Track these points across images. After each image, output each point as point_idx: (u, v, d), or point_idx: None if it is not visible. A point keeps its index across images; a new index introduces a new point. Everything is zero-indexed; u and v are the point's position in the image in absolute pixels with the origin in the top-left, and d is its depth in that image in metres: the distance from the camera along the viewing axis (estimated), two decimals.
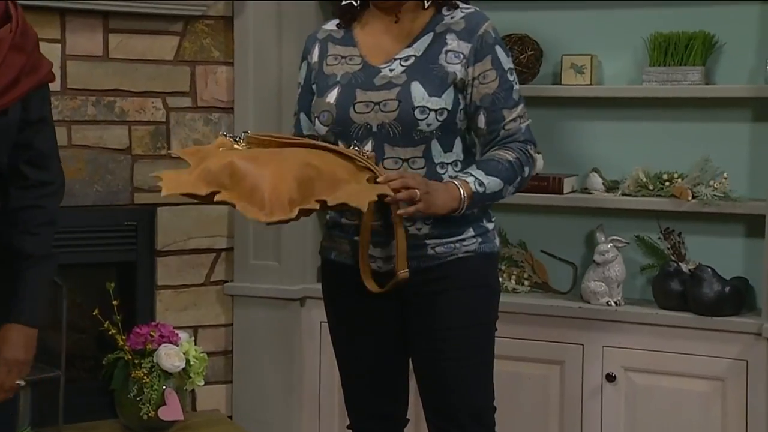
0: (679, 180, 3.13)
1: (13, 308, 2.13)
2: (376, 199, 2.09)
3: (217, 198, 2.04)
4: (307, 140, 2.26)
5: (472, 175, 2.23)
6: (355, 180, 2.11)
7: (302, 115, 2.45)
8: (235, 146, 2.19)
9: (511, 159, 2.28)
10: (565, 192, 3.25)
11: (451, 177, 2.27)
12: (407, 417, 2.52)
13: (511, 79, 2.33)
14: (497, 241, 2.41)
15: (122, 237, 3.38)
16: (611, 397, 3.10)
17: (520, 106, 2.33)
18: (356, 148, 2.22)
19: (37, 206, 2.15)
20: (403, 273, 2.18)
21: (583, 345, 3.13)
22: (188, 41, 3.44)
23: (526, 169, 2.31)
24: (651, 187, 3.15)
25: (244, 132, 2.24)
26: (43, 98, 2.16)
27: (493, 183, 2.25)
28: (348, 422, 2.53)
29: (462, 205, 2.21)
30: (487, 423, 2.38)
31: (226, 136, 2.21)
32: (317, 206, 2.06)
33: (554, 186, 3.24)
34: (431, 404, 2.38)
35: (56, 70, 3.17)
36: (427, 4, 2.32)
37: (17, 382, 2.14)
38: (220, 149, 2.16)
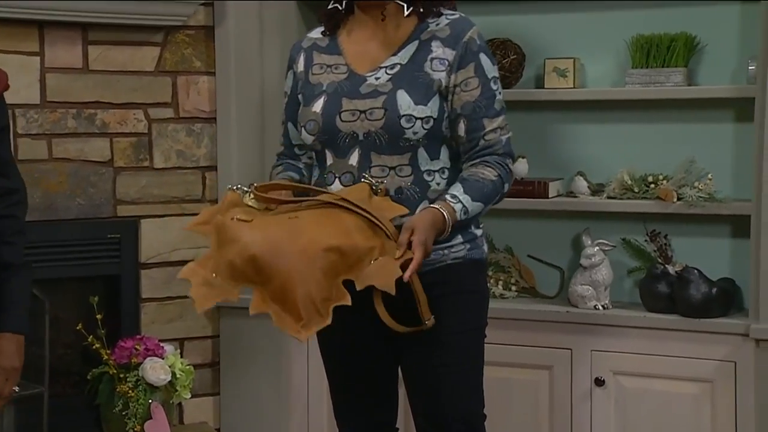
0: (664, 182, 3.13)
1: (1, 318, 2.19)
2: (401, 273, 2.09)
3: (252, 312, 2.07)
4: (316, 193, 2.24)
5: (461, 202, 2.22)
6: (378, 246, 2.11)
7: (290, 125, 2.44)
8: (244, 200, 2.19)
9: (494, 179, 2.27)
10: (550, 196, 3.24)
11: (439, 199, 2.24)
12: (396, 426, 2.51)
13: (494, 88, 2.31)
14: (485, 247, 2.40)
15: (105, 250, 3.35)
16: (601, 401, 3.09)
17: (501, 117, 2.31)
18: (365, 178, 2.23)
19: (9, 216, 2.21)
20: (429, 321, 2.18)
21: (571, 349, 3.12)
22: (169, 52, 3.42)
23: (506, 186, 2.31)
24: (636, 190, 3.15)
25: (250, 185, 2.23)
26: (0, 108, 2.20)
27: (476, 207, 2.25)
28: None
29: (446, 234, 2.21)
30: (477, 430, 2.37)
31: (235, 189, 2.22)
32: (349, 302, 2.08)
33: (539, 190, 3.23)
34: (421, 411, 2.37)
35: (35, 83, 3.20)
36: (407, 12, 2.30)
37: (13, 388, 2.22)
38: (233, 218, 2.13)
